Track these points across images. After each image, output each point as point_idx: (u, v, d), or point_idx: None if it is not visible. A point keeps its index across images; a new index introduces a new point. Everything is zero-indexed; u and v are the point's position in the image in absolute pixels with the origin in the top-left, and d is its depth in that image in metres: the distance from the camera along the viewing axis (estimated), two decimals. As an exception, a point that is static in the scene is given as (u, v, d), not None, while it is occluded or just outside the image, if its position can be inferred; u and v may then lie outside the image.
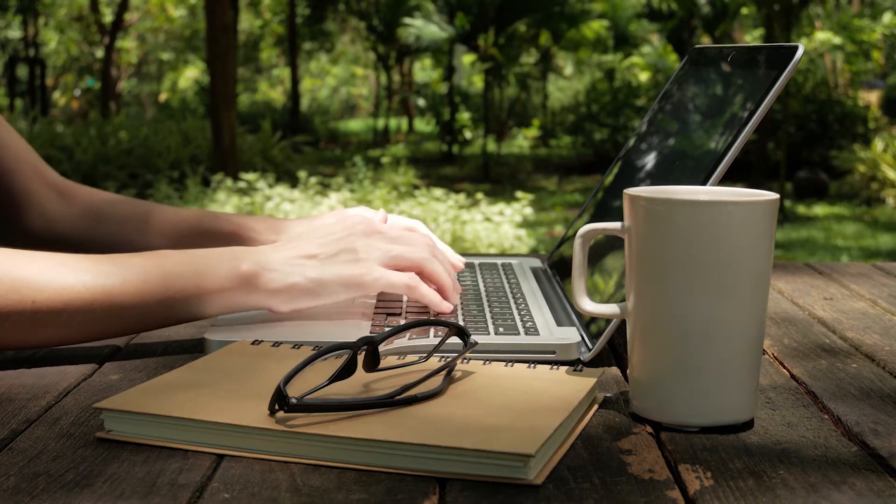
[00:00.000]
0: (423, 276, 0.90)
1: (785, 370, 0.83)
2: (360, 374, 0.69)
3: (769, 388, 0.77)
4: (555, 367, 0.75)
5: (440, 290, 0.91)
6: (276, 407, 0.63)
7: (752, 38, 17.89)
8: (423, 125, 18.94)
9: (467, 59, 16.78)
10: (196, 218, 1.07)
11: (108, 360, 0.84)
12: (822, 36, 15.37)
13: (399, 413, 0.64)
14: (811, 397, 0.75)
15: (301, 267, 0.85)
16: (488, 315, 0.90)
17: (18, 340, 0.81)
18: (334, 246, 0.87)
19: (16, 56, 19.36)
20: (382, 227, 0.91)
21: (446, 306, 0.90)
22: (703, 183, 0.79)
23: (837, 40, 15.25)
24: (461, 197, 7.49)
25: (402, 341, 0.82)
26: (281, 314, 0.87)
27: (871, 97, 15.73)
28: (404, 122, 21.56)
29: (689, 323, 0.66)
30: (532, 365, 0.75)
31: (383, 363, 0.73)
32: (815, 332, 0.96)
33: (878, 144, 10.65)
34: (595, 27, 16.66)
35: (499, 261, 1.17)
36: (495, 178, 12.87)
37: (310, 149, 12.94)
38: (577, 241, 0.72)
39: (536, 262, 1.19)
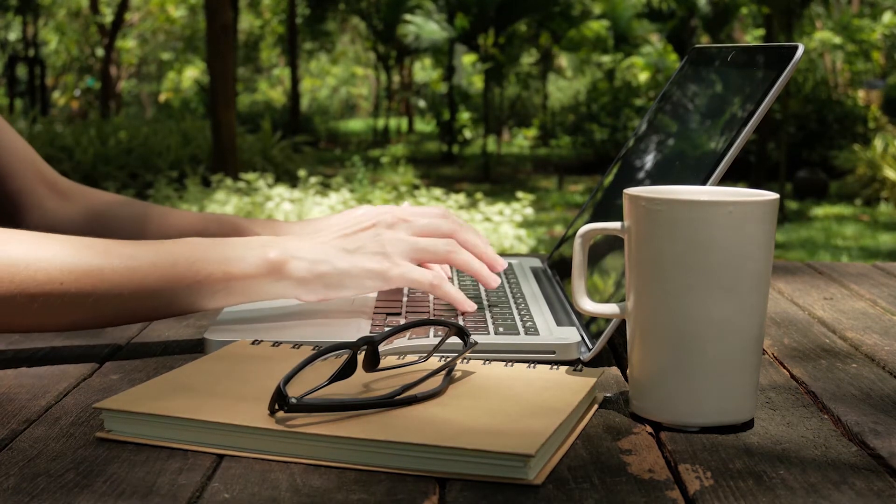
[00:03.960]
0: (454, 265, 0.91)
1: (785, 370, 0.83)
2: (360, 374, 0.69)
3: (769, 388, 0.77)
4: (555, 367, 0.75)
5: (475, 276, 0.91)
6: (276, 407, 0.63)
7: (752, 37, 17.88)
8: (423, 125, 18.95)
9: (467, 59, 16.78)
10: (200, 221, 1.08)
11: (108, 359, 0.84)
12: (822, 36, 15.38)
13: (399, 413, 0.64)
14: (811, 397, 0.75)
15: (329, 256, 0.86)
16: (488, 315, 0.90)
17: (50, 322, 0.81)
18: (361, 238, 0.88)
19: (16, 56, 19.35)
20: (408, 214, 0.91)
21: (470, 305, 0.90)
22: (703, 183, 0.79)
23: (837, 40, 15.25)
24: (461, 197, 7.49)
25: (401, 341, 0.82)
26: (308, 303, 0.88)
27: (872, 97, 15.72)
28: (404, 122, 21.56)
29: (689, 323, 0.66)
30: (532, 365, 0.75)
31: (383, 363, 0.73)
32: (815, 332, 0.96)
33: (878, 144, 10.65)
34: (595, 27, 16.66)
35: (499, 261, 1.16)
36: (495, 178, 12.87)
37: (310, 149, 12.92)
38: (577, 241, 0.72)
39: (536, 262, 1.18)
